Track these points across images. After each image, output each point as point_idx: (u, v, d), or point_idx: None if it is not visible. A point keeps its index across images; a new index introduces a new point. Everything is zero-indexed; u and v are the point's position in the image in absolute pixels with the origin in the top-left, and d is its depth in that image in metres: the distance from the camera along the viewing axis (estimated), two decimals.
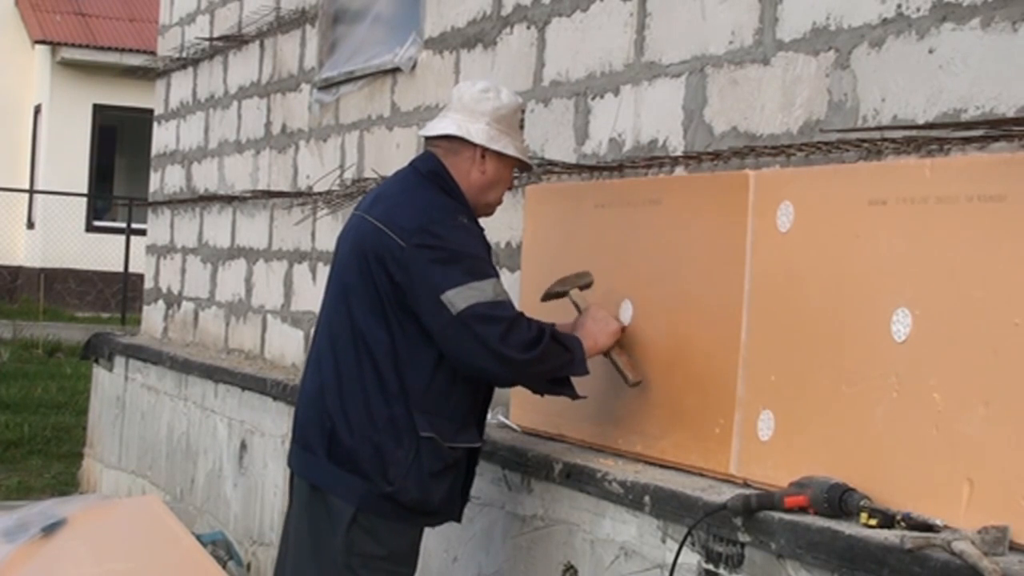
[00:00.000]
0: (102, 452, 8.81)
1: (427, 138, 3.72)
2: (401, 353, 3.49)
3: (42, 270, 21.08)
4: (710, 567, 3.20)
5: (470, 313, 3.40)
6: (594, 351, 3.68)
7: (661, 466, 3.65)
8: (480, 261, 3.50)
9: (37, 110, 22.28)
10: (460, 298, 3.40)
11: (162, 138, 9.26)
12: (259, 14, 7.41)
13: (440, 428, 3.51)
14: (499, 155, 3.63)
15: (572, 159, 4.52)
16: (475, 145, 3.60)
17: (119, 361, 8.63)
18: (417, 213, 3.51)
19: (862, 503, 2.90)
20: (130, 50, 20.32)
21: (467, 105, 3.64)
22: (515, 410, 4.36)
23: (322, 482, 3.57)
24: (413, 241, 3.45)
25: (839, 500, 2.93)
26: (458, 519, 3.76)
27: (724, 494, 3.28)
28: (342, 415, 3.53)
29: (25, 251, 22.01)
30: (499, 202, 3.77)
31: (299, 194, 6.77)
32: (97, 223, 21.91)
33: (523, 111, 3.75)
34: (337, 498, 3.52)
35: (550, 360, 3.53)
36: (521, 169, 3.86)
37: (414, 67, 5.68)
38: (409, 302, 3.47)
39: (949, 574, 2.55)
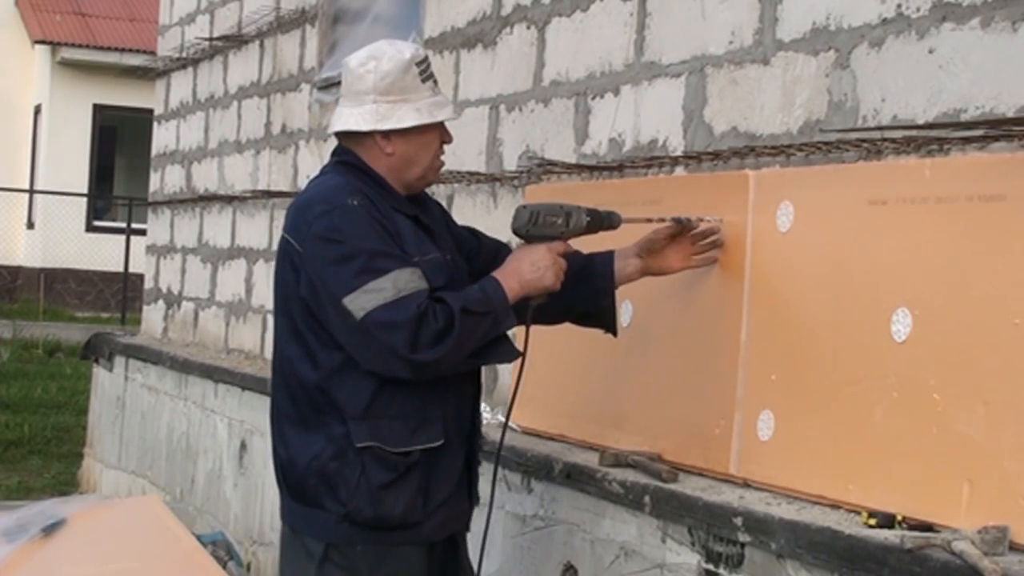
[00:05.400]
0: (102, 452, 8.81)
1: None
2: (329, 364, 3.19)
3: (42, 270, 21.09)
4: (710, 567, 3.20)
5: (370, 321, 3.07)
6: (519, 290, 3.23)
7: None
8: (376, 255, 3.11)
9: (37, 110, 22.29)
10: (357, 305, 3.07)
11: (162, 138, 9.27)
12: (259, 14, 7.42)
13: (385, 434, 3.17)
14: (402, 129, 3.25)
15: (572, 159, 4.52)
16: (370, 132, 3.25)
17: (119, 361, 8.63)
18: (307, 208, 3.22)
19: None
20: (130, 50, 20.32)
21: (351, 87, 3.27)
22: (515, 410, 4.36)
23: (291, 522, 3.31)
24: (308, 242, 3.17)
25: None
26: (458, 528, 3.40)
27: (724, 494, 3.29)
28: (283, 447, 3.29)
29: (25, 251, 22.02)
30: (434, 168, 3.37)
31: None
32: (97, 223, 21.91)
33: (420, 62, 3.27)
34: (306, 537, 3.25)
35: (472, 336, 3.13)
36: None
37: None
38: (316, 312, 3.18)
39: (949, 574, 2.55)
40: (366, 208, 3.17)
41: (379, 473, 3.16)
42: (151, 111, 9.69)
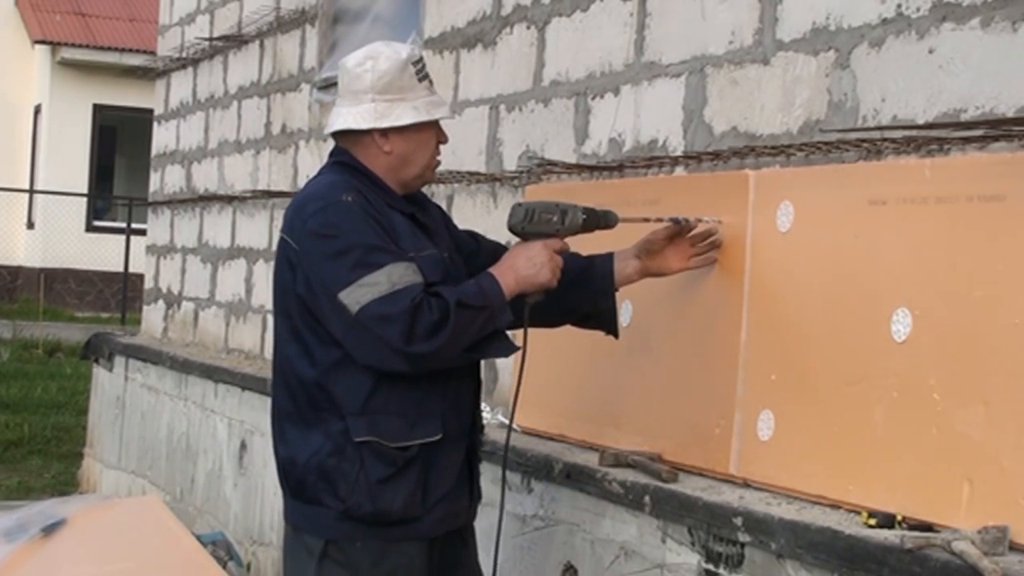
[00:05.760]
0: (102, 452, 8.81)
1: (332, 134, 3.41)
2: (327, 360, 3.20)
3: (42, 270, 21.08)
4: (710, 567, 3.20)
5: (365, 315, 3.08)
6: (515, 286, 3.24)
7: None
8: (371, 250, 3.12)
9: (37, 110, 22.29)
10: (352, 299, 3.08)
11: (162, 138, 9.27)
12: (259, 14, 7.41)
13: (384, 429, 3.17)
14: (400, 127, 3.27)
15: (572, 159, 4.52)
16: (368, 130, 3.27)
17: (119, 361, 8.63)
18: (302, 206, 3.24)
19: None
20: (130, 50, 20.32)
21: (348, 87, 3.29)
22: (516, 410, 4.36)
23: (292, 520, 3.31)
24: (303, 239, 3.19)
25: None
26: (458, 524, 3.37)
27: (724, 494, 3.29)
28: (284, 445, 3.30)
29: (25, 251, 22.02)
30: (431, 167, 3.38)
31: None
32: (97, 223, 21.91)
33: (416, 62, 3.33)
34: (306, 534, 3.25)
35: (467, 329, 3.13)
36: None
37: None
38: (313, 309, 3.19)
39: (949, 574, 2.55)
40: (360, 204, 3.19)
41: (378, 468, 3.17)
42: (151, 111, 9.69)
